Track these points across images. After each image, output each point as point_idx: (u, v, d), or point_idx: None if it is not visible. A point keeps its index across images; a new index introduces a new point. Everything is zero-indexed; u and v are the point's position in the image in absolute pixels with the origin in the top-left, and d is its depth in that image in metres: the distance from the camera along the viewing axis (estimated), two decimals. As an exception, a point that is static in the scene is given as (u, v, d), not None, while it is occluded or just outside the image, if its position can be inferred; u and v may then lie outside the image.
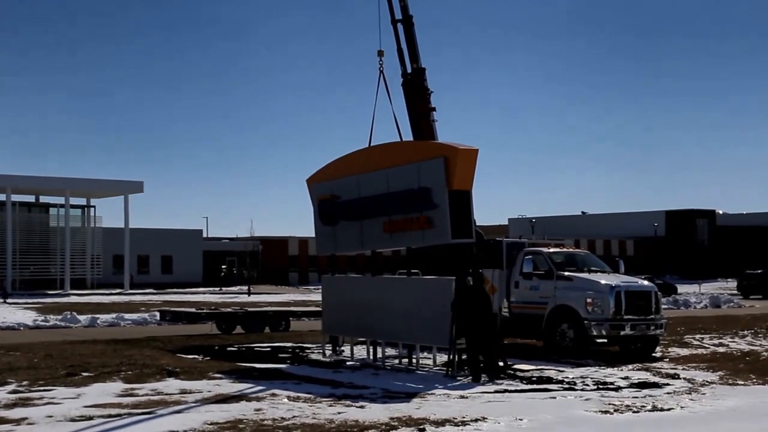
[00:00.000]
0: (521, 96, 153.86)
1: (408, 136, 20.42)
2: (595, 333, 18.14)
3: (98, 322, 27.30)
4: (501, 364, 15.46)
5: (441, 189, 15.40)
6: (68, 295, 51.88)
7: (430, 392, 13.05)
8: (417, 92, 20.68)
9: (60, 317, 27.82)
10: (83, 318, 27.62)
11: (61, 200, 60.13)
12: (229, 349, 19.96)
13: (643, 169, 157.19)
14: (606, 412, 11.33)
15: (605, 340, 18.73)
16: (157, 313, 27.71)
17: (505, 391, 13.30)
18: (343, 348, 18.55)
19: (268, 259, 75.03)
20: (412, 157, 16.37)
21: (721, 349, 20.00)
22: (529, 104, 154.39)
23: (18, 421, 10.37)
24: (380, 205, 16.83)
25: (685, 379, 14.84)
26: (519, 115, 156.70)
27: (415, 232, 16.10)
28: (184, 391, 12.91)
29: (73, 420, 10.50)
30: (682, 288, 58.65)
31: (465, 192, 15.64)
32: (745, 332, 24.71)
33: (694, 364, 16.90)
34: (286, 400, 12.12)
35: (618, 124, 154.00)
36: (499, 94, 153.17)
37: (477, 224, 17.13)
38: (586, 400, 12.38)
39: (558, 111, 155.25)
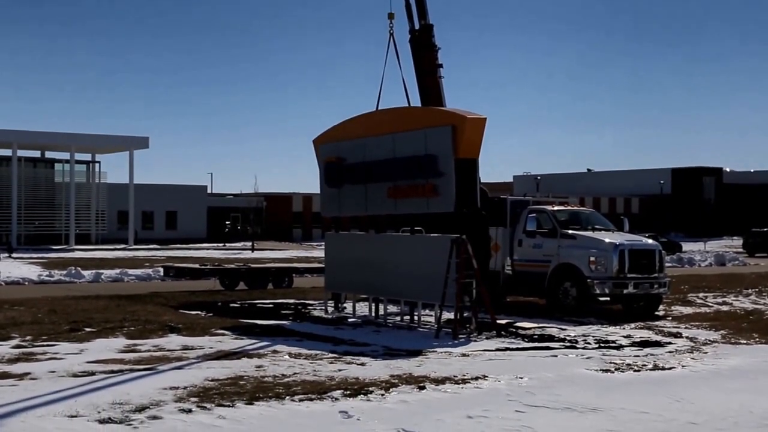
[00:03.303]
0: (527, 53, 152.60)
1: (416, 101, 20.22)
2: (597, 291, 18.13)
3: (102, 277, 27.38)
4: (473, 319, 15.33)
5: (447, 157, 15.26)
6: (73, 250, 52.08)
7: (431, 350, 13.06)
8: (424, 48, 20.46)
9: (64, 272, 27.90)
10: (87, 273, 27.70)
11: (66, 156, 60.12)
12: (231, 305, 20.01)
13: (650, 126, 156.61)
14: (607, 370, 11.33)
15: (608, 299, 18.73)
16: (161, 269, 27.78)
17: (507, 349, 13.30)
18: (345, 305, 18.57)
19: (271, 216, 75.07)
20: (420, 123, 16.21)
21: (725, 308, 19.99)
22: (536, 61, 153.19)
23: (21, 376, 10.40)
24: (386, 170, 16.73)
25: (687, 337, 14.83)
26: (525, 71, 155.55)
27: (419, 199, 16.01)
28: (186, 348, 12.94)
29: (75, 375, 10.53)
30: (687, 246, 58.61)
31: (472, 161, 15.50)
32: (750, 291, 24.70)
33: (697, 323, 16.88)
34: (287, 356, 12.14)
35: (625, 81, 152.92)
36: (506, 51, 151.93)
37: (481, 181, 17.02)
38: (587, 358, 12.38)
39: (564, 68, 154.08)
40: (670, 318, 17.91)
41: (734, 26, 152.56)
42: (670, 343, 14.20)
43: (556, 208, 19.92)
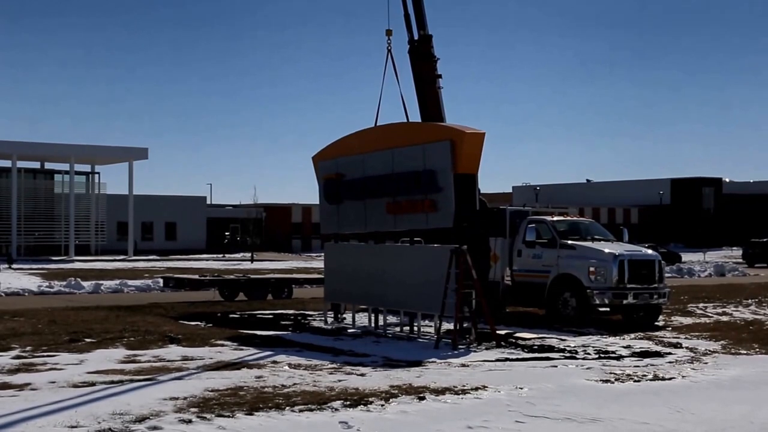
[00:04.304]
0: (526, 64, 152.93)
1: (415, 116, 20.28)
2: (597, 302, 18.13)
3: (102, 288, 27.36)
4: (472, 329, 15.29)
5: (446, 172, 15.29)
6: (72, 261, 52.04)
7: (431, 360, 13.05)
8: (423, 58, 20.55)
9: (64, 283, 27.88)
10: (87, 284, 27.68)
11: (66, 167, 60.13)
12: (231, 316, 20.01)
13: (650, 136, 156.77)
14: (607, 381, 11.32)
15: (608, 309, 18.73)
16: (161, 280, 27.76)
17: (507, 359, 13.29)
18: (344, 315, 18.57)
19: (271, 226, 75.06)
20: (418, 139, 16.24)
21: (725, 318, 19.99)
22: (534, 71, 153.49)
23: (21, 387, 10.40)
24: (385, 186, 16.75)
25: (687, 348, 14.82)
26: (524, 82, 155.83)
27: (418, 214, 16.03)
28: (185, 358, 12.94)
29: (75, 386, 10.53)
30: (686, 256, 58.58)
31: (470, 176, 15.52)
32: (749, 301, 24.69)
33: (697, 333, 16.88)
34: (287, 367, 12.13)
35: (624, 91, 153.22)
36: (504, 61, 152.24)
37: (480, 192, 17.03)
38: (587, 368, 12.37)
39: (563, 78, 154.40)
40: (670, 328, 17.90)
41: (733, 36, 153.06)
42: (670, 353, 14.19)
43: (555, 218, 19.94)
